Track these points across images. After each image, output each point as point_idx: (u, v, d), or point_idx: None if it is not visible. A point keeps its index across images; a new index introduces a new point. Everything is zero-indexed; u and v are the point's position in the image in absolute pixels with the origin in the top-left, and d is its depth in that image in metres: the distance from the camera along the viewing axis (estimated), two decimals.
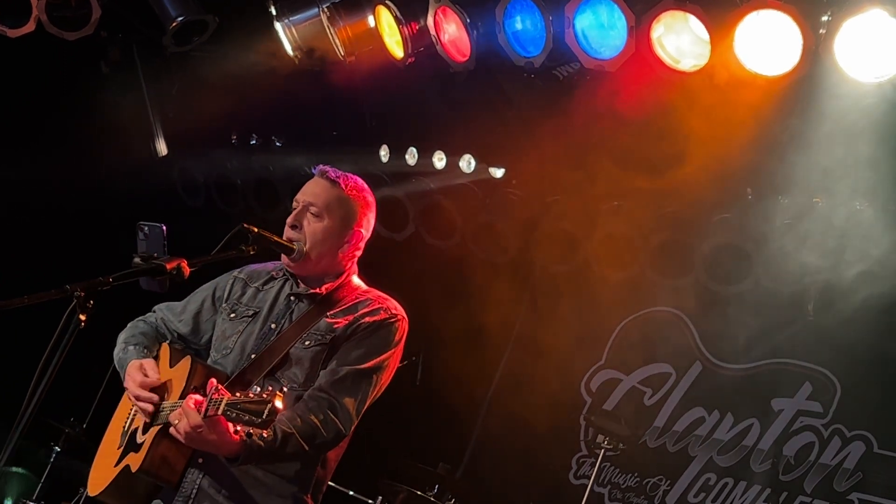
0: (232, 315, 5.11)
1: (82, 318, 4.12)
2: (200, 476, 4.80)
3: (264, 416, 4.19)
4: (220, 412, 4.33)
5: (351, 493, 8.69)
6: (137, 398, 4.83)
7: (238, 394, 4.31)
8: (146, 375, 4.88)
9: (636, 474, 9.49)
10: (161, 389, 4.87)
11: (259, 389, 4.26)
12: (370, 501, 8.73)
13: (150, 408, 4.78)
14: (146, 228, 4.75)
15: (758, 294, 8.54)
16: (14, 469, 10.08)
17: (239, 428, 4.30)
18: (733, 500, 9.05)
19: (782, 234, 8.20)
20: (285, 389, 4.27)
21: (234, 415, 4.26)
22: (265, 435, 4.31)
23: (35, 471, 10.11)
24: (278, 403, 4.18)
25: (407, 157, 9.60)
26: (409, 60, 7.57)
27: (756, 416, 9.10)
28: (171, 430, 4.56)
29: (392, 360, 5.03)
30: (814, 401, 8.87)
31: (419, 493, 8.40)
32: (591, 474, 8.65)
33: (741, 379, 9.26)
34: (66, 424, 9.82)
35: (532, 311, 10.36)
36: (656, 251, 8.88)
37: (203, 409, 4.43)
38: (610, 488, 9.58)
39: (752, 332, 8.92)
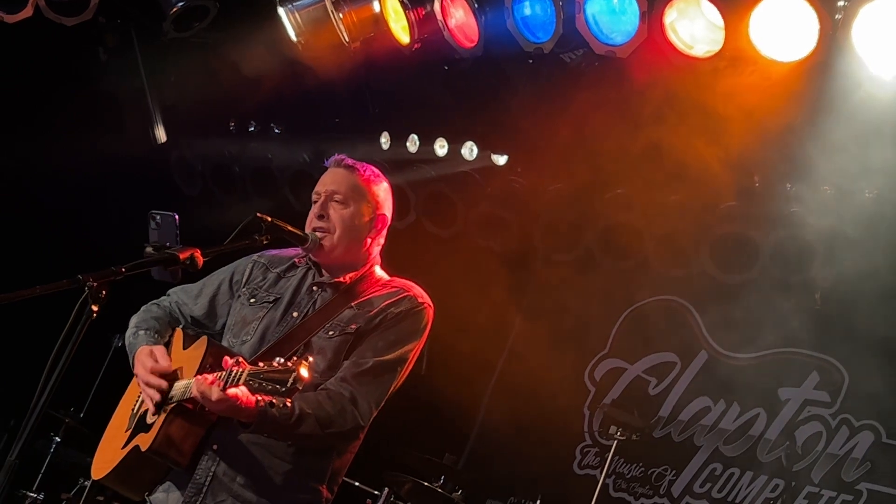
0: (252, 300, 5.04)
1: (94, 308, 4.05)
2: (215, 464, 4.73)
3: (289, 385, 4.11)
4: (241, 383, 4.26)
5: (357, 483, 8.63)
6: (147, 384, 4.74)
7: (261, 363, 4.23)
8: (156, 361, 4.79)
9: (641, 464, 9.45)
10: (172, 376, 4.78)
11: (282, 359, 4.17)
12: (377, 492, 8.69)
13: (157, 396, 4.68)
14: (158, 217, 4.68)
15: (764, 283, 8.50)
16: None
17: (261, 397, 4.21)
18: (739, 490, 9.02)
19: (789, 223, 8.15)
20: (311, 359, 4.16)
21: (257, 384, 4.18)
22: (288, 404, 4.22)
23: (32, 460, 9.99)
24: (304, 372, 4.11)
25: (408, 144, 9.52)
26: (415, 46, 7.49)
27: (763, 405, 9.07)
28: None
29: (416, 349, 4.98)
30: (821, 390, 8.84)
31: (425, 483, 8.36)
32: (597, 464, 8.60)
33: (747, 368, 9.21)
34: (65, 414, 9.72)
35: (535, 300, 10.29)
36: (661, 240, 8.82)
37: (222, 384, 4.36)
38: (615, 478, 9.54)
39: (758, 321, 8.87)
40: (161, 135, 9.90)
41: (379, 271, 5.14)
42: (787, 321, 8.79)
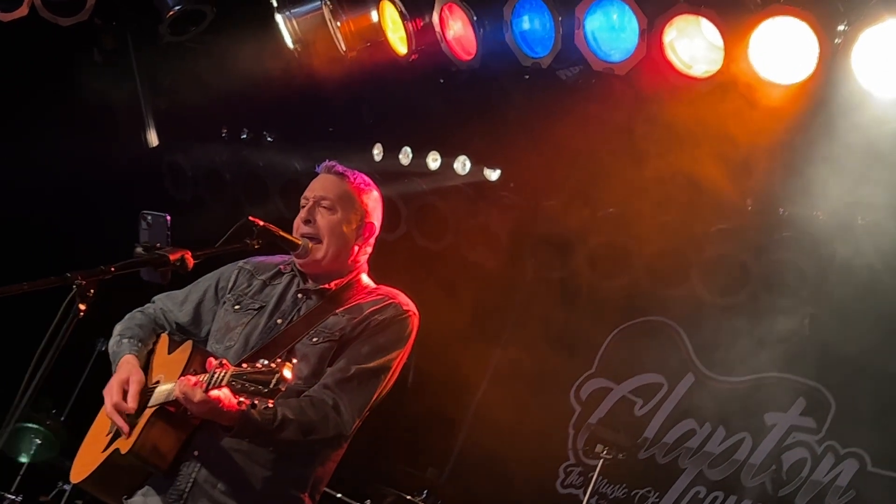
0: (237, 307, 5.02)
1: (82, 307, 4.03)
2: (196, 469, 4.69)
3: (272, 386, 4.10)
4: (224, 384, 4.24)
5: (339, 495, 8.58)
6: (110, 416, 4.69)
7: (244, 365, 4.22)
8: (123, 396, 4.70)
9: (624, 485, 9.40)
10: (146, 393, 4.74)
11: (266, 361, 4.15)
12: None
13: (125, 427, 4.62)
14: (149, 217, 4.65)
15: (754, 307, 8.46)
16: (29, 424, 9.80)
17: (243, 399, 4.18)
18: None
19: (781, 247, 8.13)
20: (294, 360, 4.13)
21: (240, 385, 4.17)
22: (270, 405, 4.18)
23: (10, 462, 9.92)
24: (287, 373, 4.10)
25: (401, 156, 9.51)
26: (413, 57, 7.46)
27: (748, 429, 9.03)
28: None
29: (400, 358, 4.96)
30: (807, 416, 8.81)
31: (408, 497, 8.33)
32: (580, 483, 8.55)
33: (734, 392, 9.17)
34: (47, 416, 9.67)
35: (523, 317, 10.26)
36: (651, 260, 8.78)
37: (204, 385, 4.34)
38: (597, 499, 9.48)
39: (746, 344, 8.80)
40: (153, 139, 9.87)
41: (365, 279, 5.13)
42: (776, 346, 8.73)
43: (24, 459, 9.75)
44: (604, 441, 8.40)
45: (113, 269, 4.20)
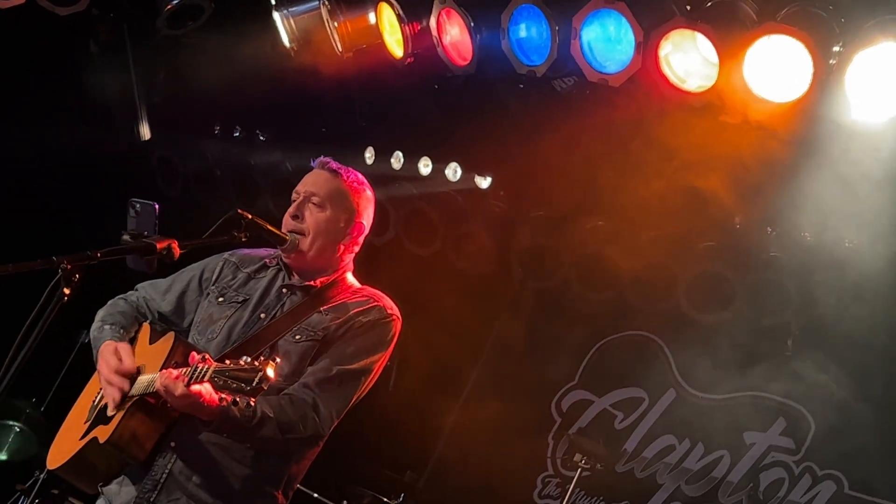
0: (220, 299, 5.01)
1: (66, 291, 4.03)
2: (172, 461, 4.69)
3: (254, 384, 4.09)
4: (206, 379, 4.22)
5: (315, 495, 8.57)
6: (109, 382, 4.68)
7: (228, 361, 4.20)
8: (121, 360, 4.73)
9: (601, 498, 9.39)
10: (135, 374, 4.73)
11: (249, 359, 4.14)
12: None
13: (117, 395, 4.63)
14: (138, 206, 4.65)
15: (738, 325, 8.47)
16: (8, 422, 9.77)
17: (225, 395, 4.17)
18: None
19: (768, 267, 8.15)
20: (278, 360, 4.13)
21: (222, 382, 4.16)
22: (252, 403, 4.18)
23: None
24: (270, 372, 4.10)
25: (392, 160, 9.51)
26: (408, 61, 7.46)
27: (727, 447, 9.02)
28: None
29: (381, 361, 4.96)
30: (787, 437, 8.81)
31: (384, 499, 8.33)
32: (557, 494, 8.54)
33: (715, 409, 9.16)
34: (27, 404, 9.64)
35: (508, 326, 10.26)
36: (638, 274, 8.79)
37: (186, 379, 4.32)
38: None
39: (729, 362, 8.81)
40: (145, 132, 9.84)
41: (350, 278, 5.12)
42: (758, 365, 8.76)
43: (2, 457, 9.74)
44: (582, 451, 8.39)
45: (99, 254, 4.20)
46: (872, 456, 8.19)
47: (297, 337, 4.82)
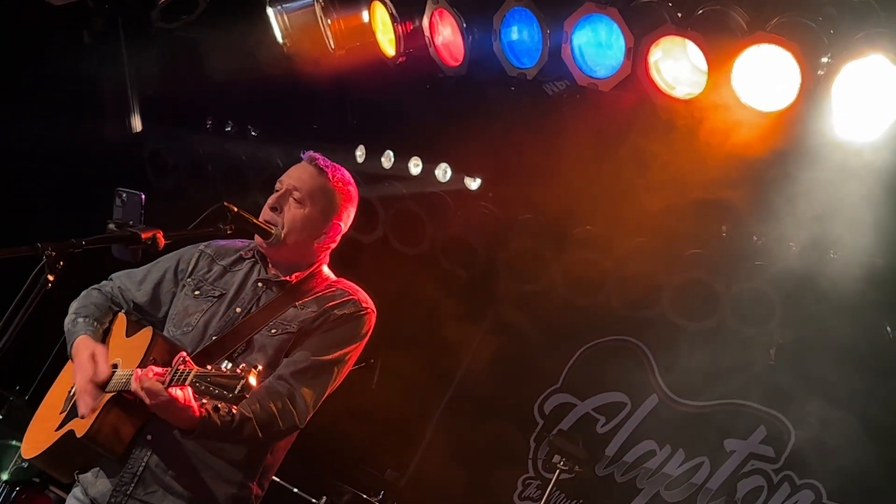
0: (196, 293, 5.00)
1: (50, 278, 4.03)
2: (148, 454, 4.70)
3: (236, 392, 4.09)
4: (186, 384, 4.21)
5: (295, 490, 8.57)
6: (84, 391, 4.61)
7: (209, 366, 4.19)
8: (96, 369, 4.67)
9: (581, 501, 9.39)
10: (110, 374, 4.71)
11: (231, 365, 4.14)
12: (314, 500, 8.62)
13: (90, 404, 4.58)
14: (124, 195, 4.65)
15: (721, 333, 8.49)
16: (12, 442, 9.72)
17: (205, 401, 4.19)
18: None
19: (753, 276, 8.17)
20: (259, 367, 4.14)
21: (203, 387, 4.14)
22: (234, 411, 4.20)
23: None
24: (252, 380, 4.09)
25: (383, 159, 9.51)
26: (400, 60, 7.49)
27: (707, 454, 9.04)
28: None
29: (355, 352, 4.97)
30: (767, 445, 8.83)
31: (364, 496, 8.33)
32: (538, 496, 8.55)
33: (696, 416, 9.20)
34: (10, 393, 9.62)
35: (493, 329, 10.27)
36: (624, 280, 8.81)
37: (167, 380, 4.31)
38: None
39: (711, 370, 8.82)
40: (137, 124, 9.86)
41: (326, 270, 5.11)
42: (740, 373, 8.80)
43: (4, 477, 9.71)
44: (562, 452, 8.41)
45: (84, 242, 4.20)
46: (851, 466, 8.20)
47: (273, 331, 4.83)
